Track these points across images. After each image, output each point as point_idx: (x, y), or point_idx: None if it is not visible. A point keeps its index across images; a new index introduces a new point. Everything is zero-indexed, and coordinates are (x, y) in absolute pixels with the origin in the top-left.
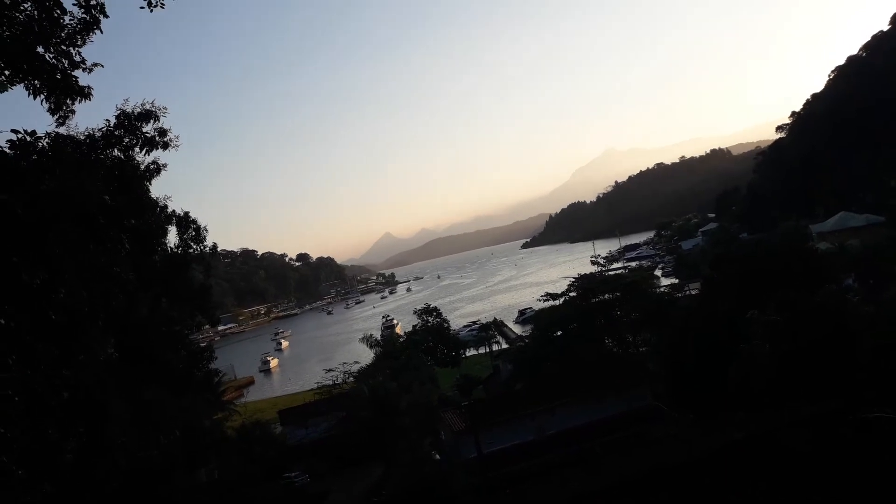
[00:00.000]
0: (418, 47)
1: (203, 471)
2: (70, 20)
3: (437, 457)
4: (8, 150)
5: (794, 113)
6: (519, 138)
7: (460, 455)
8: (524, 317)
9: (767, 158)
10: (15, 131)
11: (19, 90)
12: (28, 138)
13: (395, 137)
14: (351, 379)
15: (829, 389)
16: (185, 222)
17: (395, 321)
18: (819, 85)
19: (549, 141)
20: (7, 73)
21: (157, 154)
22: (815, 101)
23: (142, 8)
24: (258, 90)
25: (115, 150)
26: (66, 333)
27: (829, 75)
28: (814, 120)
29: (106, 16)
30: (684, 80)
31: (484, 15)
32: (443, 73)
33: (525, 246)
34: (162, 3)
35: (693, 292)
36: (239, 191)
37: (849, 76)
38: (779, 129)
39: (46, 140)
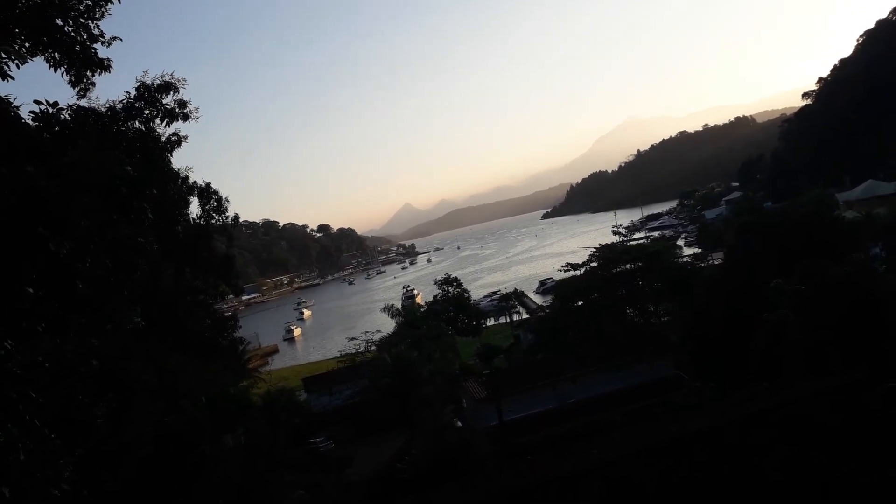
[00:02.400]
0: (440, 18)
1: (230, 437)
2: None
3: (459, 424)
4: (31, 122)
5: (821, 79)
6: (540, 108)
7: (482, 423)
8: (545, 287)
9: (793, 126)
10: (38, 102)
11: (40, 63)
12: (50, 110)
13: (415, 108)
14: (373, 348)
15: (855, 359)
16: (207, 193)
17: (415, 291)
18: (847, 50)
19: (570, 110)
20: (27, 45)
21: (178, 126)
22: (842, 67)
23: None
24: (282, 61)
25: (136, 122)
26: (92, 303)
27: (858, 40)
28: (842, 86)
29: None
30: (708, 47)
31: None
32: (465, 44)
33: (546, 216)
34: None
35: (716, 262)
36: (261, 162)
37: (878, 40)
38: (805, 95)
39: (68, 112)
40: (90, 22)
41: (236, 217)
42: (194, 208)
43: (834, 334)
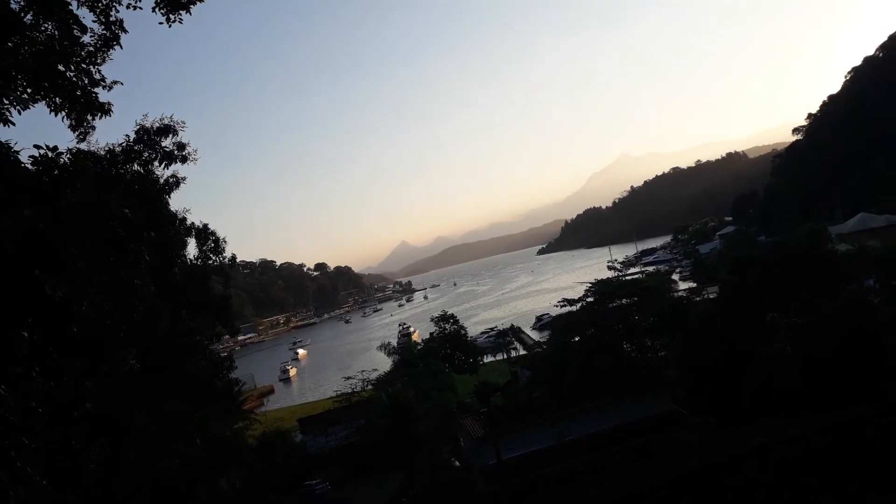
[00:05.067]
0: (433, 58)
1: (225, 480)
2: (90, 37)
3: (457, 463)
4: (30, 166)
5: (810, 114)
6: (533, 145)
7: (480, 461)
8: (541, 323)
9: (784, 161)
10: (37, 147)
11: (41, 107)
12: (50, 154)
13: (409, 147)
14: (369, 387)
15: (854, 392)
16: (204, 234)
17: (412, 329)
18: (835, 87)
19: (564, 147)
20: (29, 90)
21: (176, 167)
22: (831, 103)
23: (160, 24)
24: (276, 103)
25: (135, 165)
26: (88, 346)
27: (846, 76)
28: (831, 121)
29: (125, 31)
30: (698, 84)
31: (500, 25)
32: (456, 82)
33: (541, 252)
34: (180, 19)
35: (711, 296)
36: (258, 202)
37: (866, 76)
38: (795, 131)
39: (68, 156)
40: (91, 67)
41: (233, 257)
42: (192, 249)
43: (832, 367)
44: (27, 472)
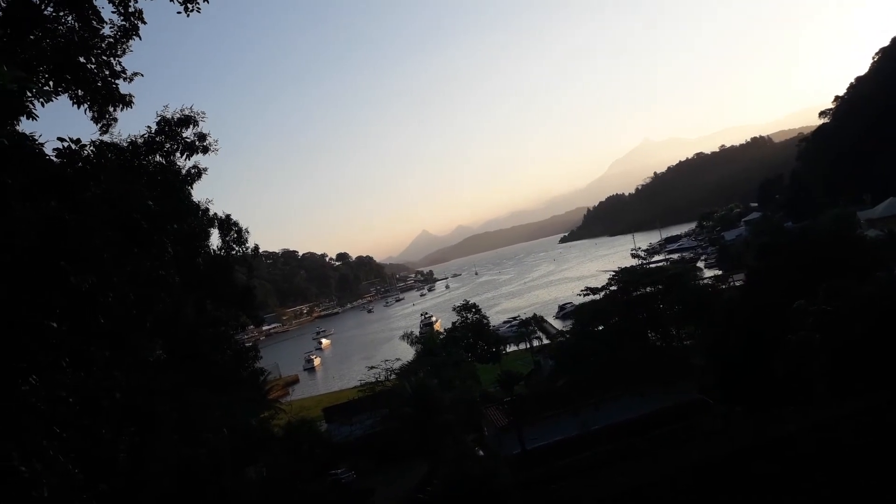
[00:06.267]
0: (455, 44)
1: (251, 469)
2: (110, 29)
3: (481, 453)
4: (55, 159)
5: (837, 97)
6: (554, 132)
7: (504, 451)
8: (564, 312)
9: (811, 145)
10: (61, 139)
11: (63, 100)
12: (73, 146)
13: (430, 135)
14: (393, 376)
15: (883, 379)
16: (227, 225)
17: (434, 318)
18: (863, 68)
19: (585, 134)
20: (51, 83)
21: (198, 158)
22: (859, 84)
23: (178, 13)
24: (301, 93)
25: (157, 156)
26: (115, 336)
27: (874, 57)
28: (859, 103)
29: (144, 22)
30: (722, 68)
31: (519, 12)
32: (477, 70)
33: (563, 240)
34: (198, 8)
35: (737, 283)
36: (280, 193)
37: (894, 57)
38: (822, 114)
39: (91, 148)
40: (112, 59)
41: (256, 248)
42: (215, 240)
43: (862, 354)
44: (59, 461)
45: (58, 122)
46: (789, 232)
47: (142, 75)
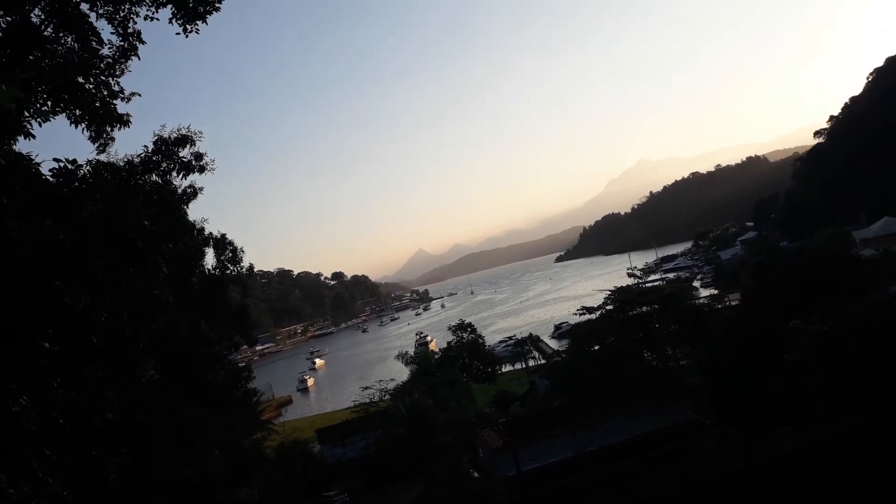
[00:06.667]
0: (448, 63)
1: (244, 490)
2: (109, 49)
3: (476, 474)
4: (51, 178)
5: (832, 117)
6: (551, 151)
7: (499, 472)
8: (560, 331)
9: (806, 164)
10: (57, 160)
11: (61, 119)
12: (70, 166)
13: (425, 154)
14: (387, 397)
15: (880, 397)
16: (222, 244)
17: (429, 338)
18: (857, 88)
19: (582, 153)
20: (50, 102)
21: (194, 178)
22: (853, 104)
23: (177, 34)
24: (297, 111)
25: (154, 176)
26: (108, 356)
27: (868, 77)
28: (853, 123)
29: (142, 42)
30: (718, 88)
31: (515, 31)
32: (473, 89)
33: (559, 259)
34: (196, 29)
35: (733, 303)
36: (276, 212)
37: (888, 77)
38: (817, 133)
39: (87, 167)
40: (111, 79)
41: (251, 267)
42: (210, 259)
43: (858, 374)
44: (49, 483)
45: (56, 141)
46: (785, 251)
47: (139, 95)
